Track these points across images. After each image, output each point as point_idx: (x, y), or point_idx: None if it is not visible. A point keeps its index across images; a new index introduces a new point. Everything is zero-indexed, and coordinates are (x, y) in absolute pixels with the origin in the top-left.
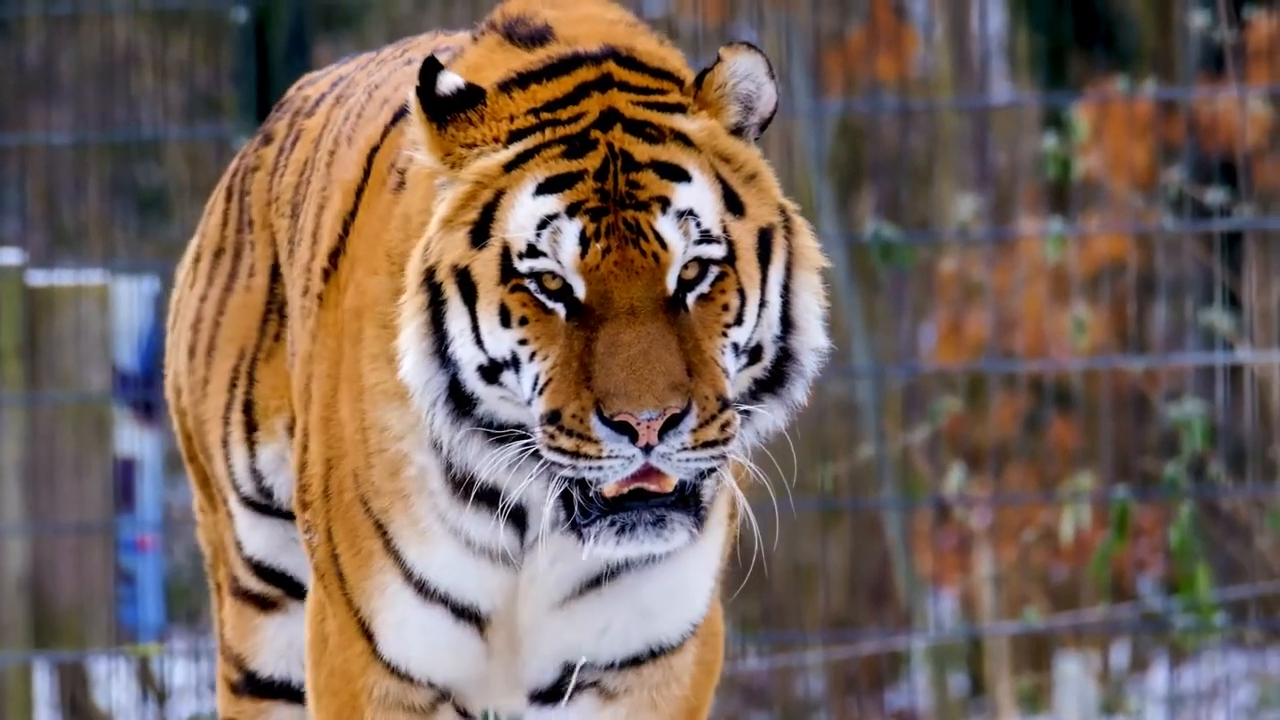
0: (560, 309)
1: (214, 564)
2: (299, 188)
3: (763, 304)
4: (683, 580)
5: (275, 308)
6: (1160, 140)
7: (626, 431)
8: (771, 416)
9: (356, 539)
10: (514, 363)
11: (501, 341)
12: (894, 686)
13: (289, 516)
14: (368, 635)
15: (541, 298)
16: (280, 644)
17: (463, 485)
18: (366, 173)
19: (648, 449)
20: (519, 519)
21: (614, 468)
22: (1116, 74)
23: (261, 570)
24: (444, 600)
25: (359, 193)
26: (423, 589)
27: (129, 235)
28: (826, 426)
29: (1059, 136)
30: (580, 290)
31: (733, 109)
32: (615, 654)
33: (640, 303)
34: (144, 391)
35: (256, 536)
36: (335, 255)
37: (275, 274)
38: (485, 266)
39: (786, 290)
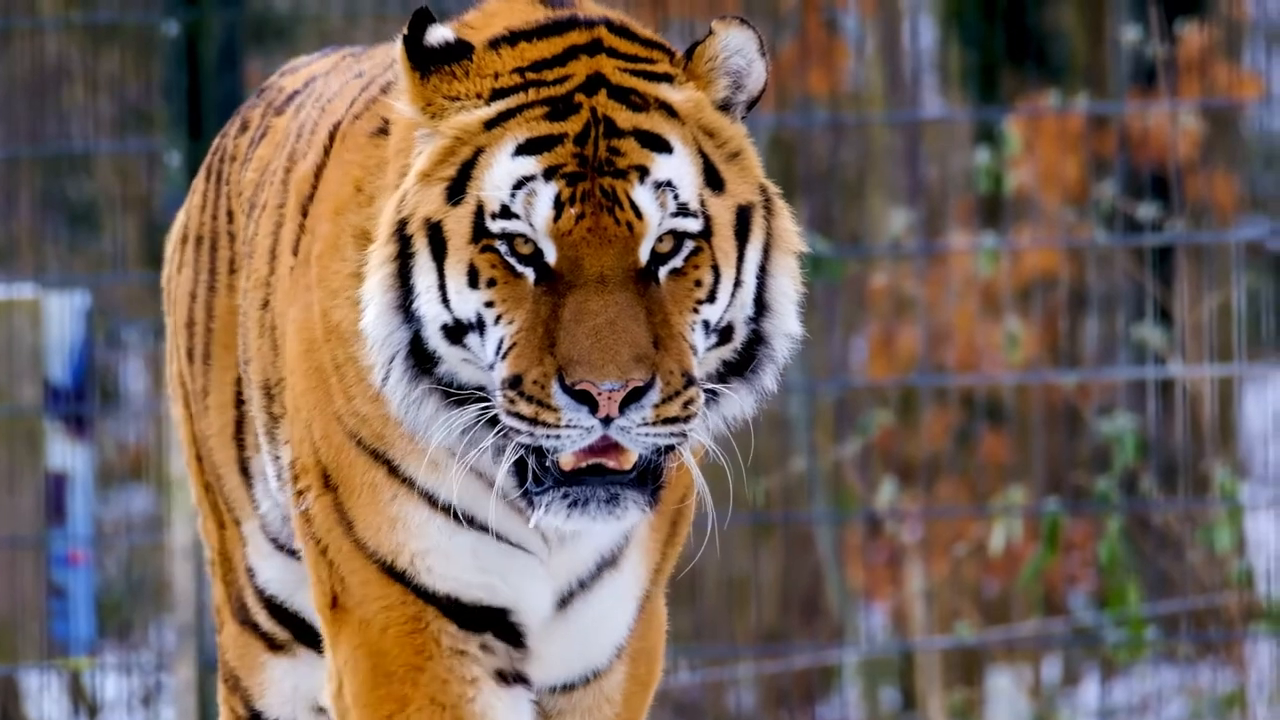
0: (530, 273)
1: (216, 566)
2: (259, 188)
3: (737, 283)
4: (618, 604)
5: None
6: (1092, 154)
7: (587, 401)
8: (739, 401)
9: (355, 474)
10: (479, 324)
11: (468, 302)
12: (825, 701)
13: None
14: (397, 575)
15: (511, 260)
16: (286, 689)
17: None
18: (328, 150)
19: (607, 421)
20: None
21: (572, 437)
22: (1048, 88)
23: (273, 607)
24: (473, 522)
25: (318, 173)
26: (450, 512)
27: (60, 249)
28: (758, 440)
29: (991, 151)
30: (551, 255)
31: (721, 83)
32: (558, 680)
33: (611, 271)
34: (75, 405)
35: (271, 567)
36: (297, 243)
37: None
38: (458, 224)
39: (763, 271)
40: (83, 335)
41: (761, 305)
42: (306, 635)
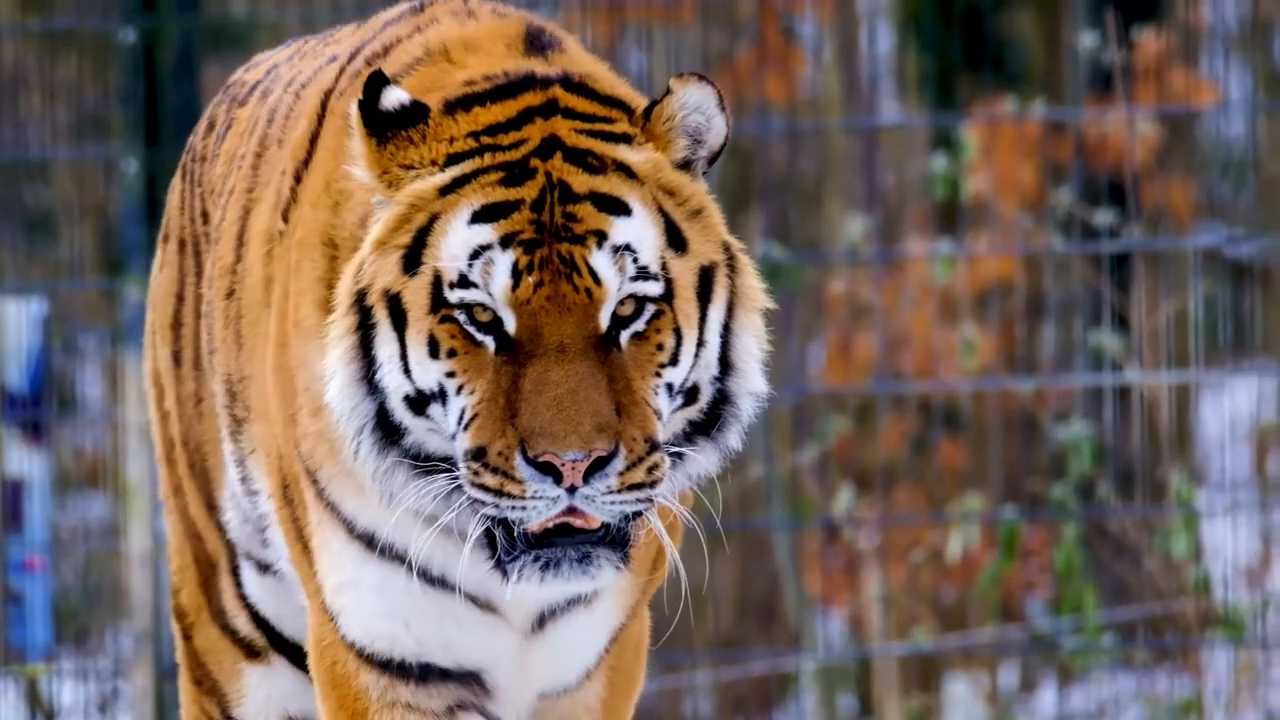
0: (490, 341)
1: (189, 570)
2: (227, 179)
3: (700, 344)
4: (589, 637)
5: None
6: (1048, 161)
7: (551, 472)
8: (704, 460)
9: (300, 490)
10: (441, 395)
11: (429, 372)
12: (782, 707)
13: None
14: (330, 614)
15: (471, 329)
16: (260, 697)
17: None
18: (320, 118)
19: (572, 490)
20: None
21: (538, 508)
22: (1005, 94)
23: (256, 617)
24: (402, 559)
25: (313, 140)
26: (370, 543)
27: (17, 256)
28: None
29: (947, 157)
30: (511, 324)
31: (680, 142)
32: (534, 690)
33: (571, 340)
34: (32, 412)
35: (256, 577)
36: (286, 209)
37: None
38: (416, 294)
39: (727, 330)
40: (39, 342)
41: (726, 364)
42: (281, 644)
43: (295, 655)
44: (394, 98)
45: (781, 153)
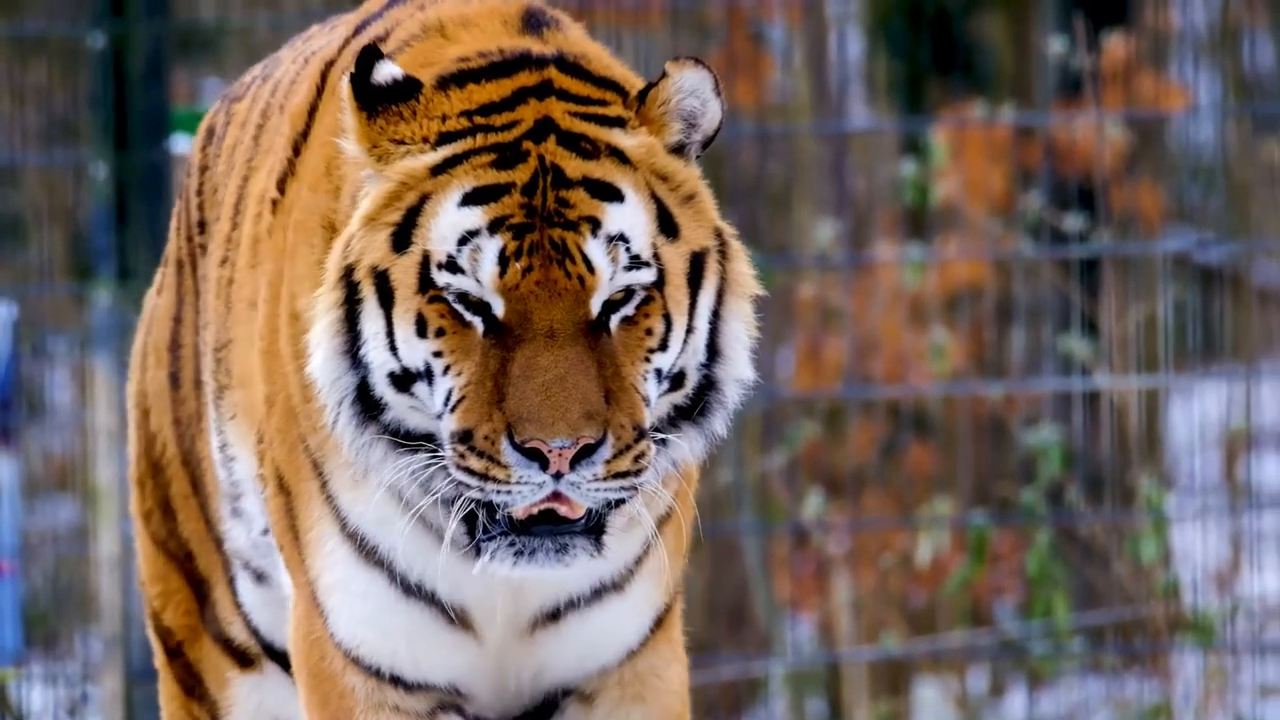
0: (478, 323)
1: (179, 592)
2: (231, 171)
3: (689, 330)
4: (625, 621)
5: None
6: (1018, 165)
7: (537, 458)
8: (688, 446)
9: (300, 482)
10: (427, 374)
11: (416, 351)
12: (752, 712)
13: None
14: (321, 609)
15: (460, 309)
16: (251, 707)
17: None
18: (319, 90)
19: (558, 476)
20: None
21: (523, 493)
22: (974, 99)
23: (250, 628)
24: (385, 566)
25: (312, 111)
26: (361, 545)
27: None
28: None
29: (917, 162)
30: (499, 309)
31: (675, 126)
32: (570, 680)
33: (560, 325)
34: (1, 416)
35: (252, 591)
36: (283, 181)
37: None
38: (404, 273)
39: (716, 317)
40: (8, 347)
41: (714, 351)
42: (273, 652)
43: (287, 663)
44: (386, 72)
45: (751, 157)
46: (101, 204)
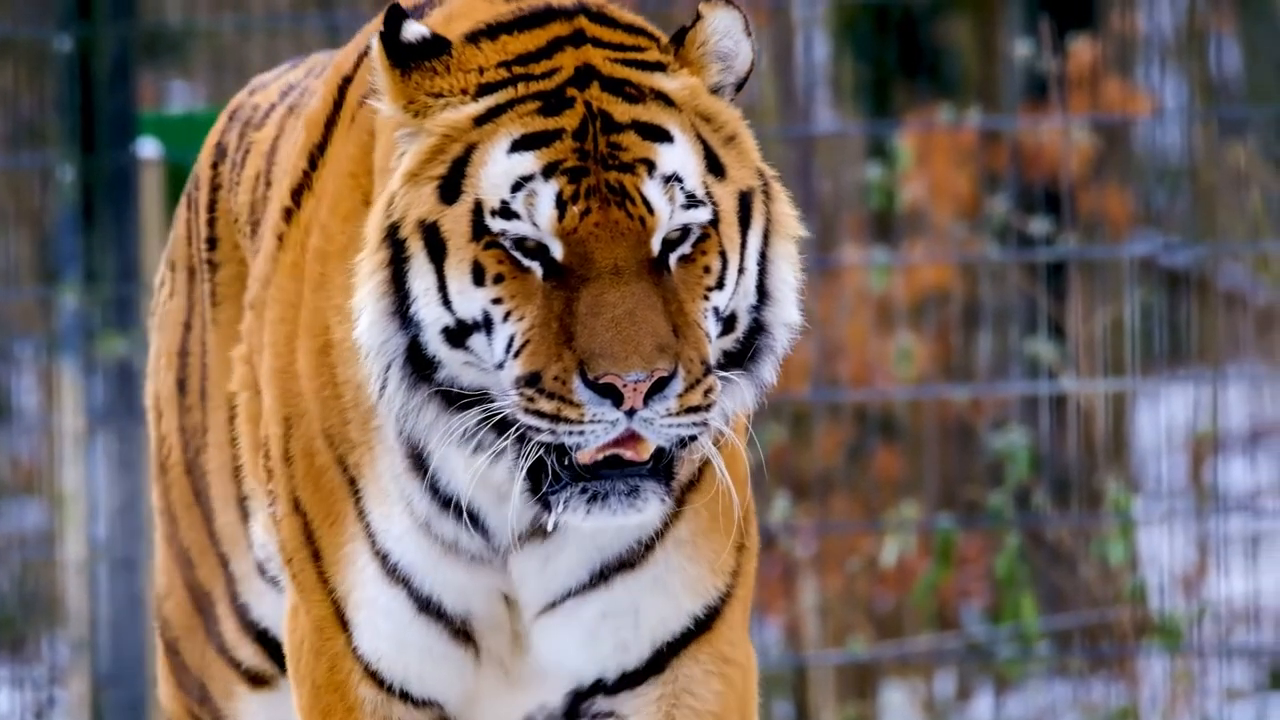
0: (537, 267)
1: (181, 594)
2: (254, 206)
3: (741, 270)
4: (672, 586)
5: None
6: (984, 169)
7: (610, 394)
8: (741, 392)
9: (331, 504)
10: (485, 323)
11: (473, 301)
12: None
13: None
14: (344, 624)
15: (517, 254)
16: None
17: (414, 453)
18: (338, 105)
19: (631, 413)
20: (474, 518)
21: (595, 432)
22: (940, 103)
23: (265, 640)
24: (405, 583)
25: (329, 124)
26: (385, 563)
27: None
28: None
29: (883, 166)
30: (558, 252)
31: (714, 67)
32: (617, 665)
33: (624, 263)
34: None
35: (266, 603)
36: (298, 192)
37: None
38: (456, 223)
39: (763, 258)
40: None
41: (763, 293)
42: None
43: None
44: (415, 30)
45: None
46: (68, 207)
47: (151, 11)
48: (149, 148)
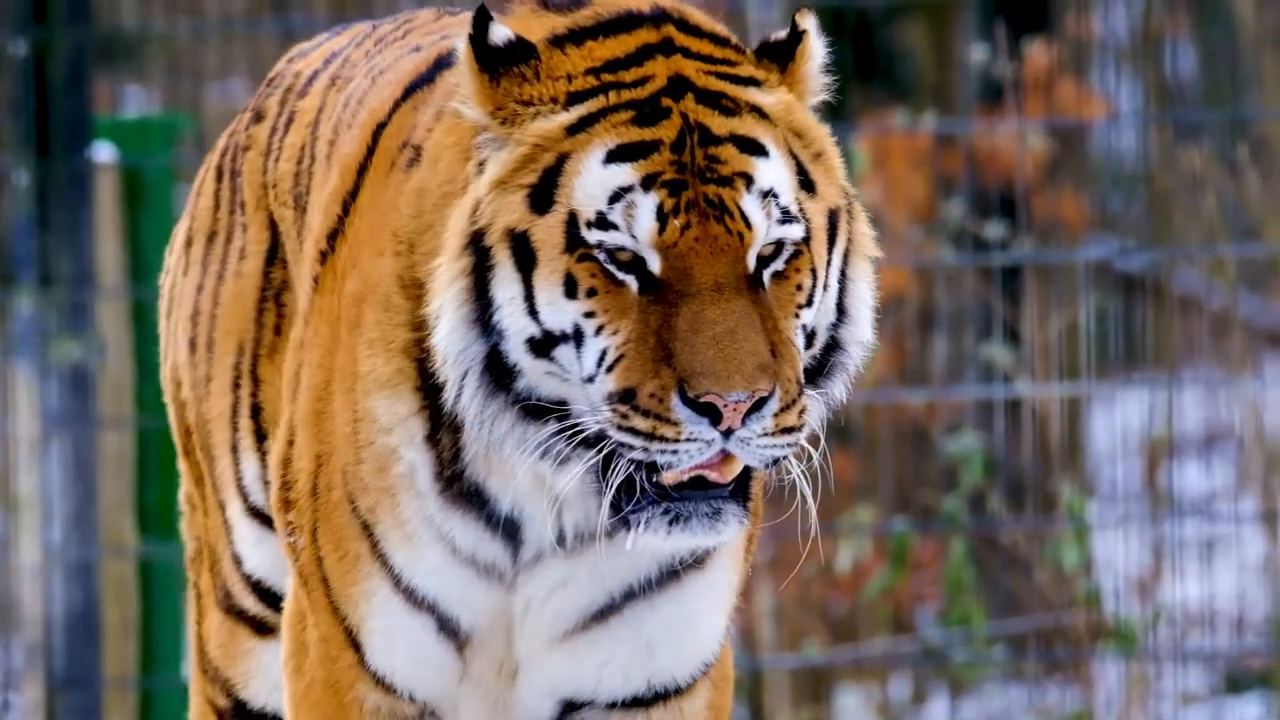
0: (632, 281)
1: (197, 563)
2: (299, 177)
3: (825, 287)
4: (691, 615)
5: (270, 296)
6: (939, 173)
7: (709, 413)
8: (815, 411)
9: (343, 541)
10: (575, 336)
11: (564, 313)
12: None
13: None
14: (355, 645)
15: (612, 267)
16: (274, 673)
17: (452, 483)
18: (370, 150)
19: (728, 433)
20: (513, 530)
21: (690, 451)
22: (896, 107)
23: (260, 590)
24: (431, 609)
25: (361, 170)
26: (411, 596)
27: None
28: None
29: None
30: (655, 266)
31: (814, 85)
32: (615, 692)
33: (724, 279)
34: None
35: (260, 553)
36: (333, 236)
37: (270, 260)
38: (548, 233)
39: (843, 277)
40: None
41: (841, 311)
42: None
43: None
44: (501, 33)
45: None
46: (22, 211)
47: (107, 16)
48: (104, 152)
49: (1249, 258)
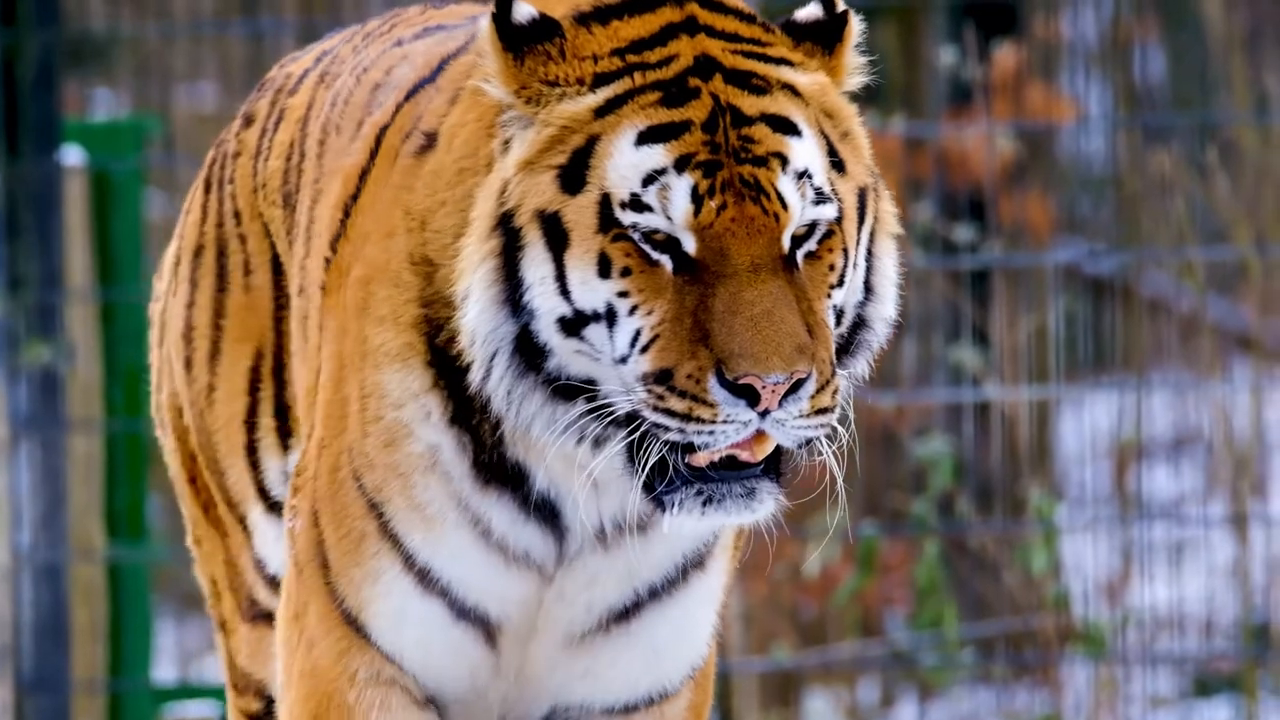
0: (667, 261)
1: (217, 598)
2: (287, 174)
3: (854, 266)
4: (691, 616)
5: (287, 301)
6: (908, 176)
7: (747, 395)
8: (843, 388)
9: (346, 520)
10: (608, 315)
11: (597, 292)
12: None
13: None
14: (355, 625)
15: (646, 248)
16: None
17: (489, 466)
18: (373, 153)
19: (765, 414)
20: (552, 517)
21: (726, 433)
22: (865, 109)
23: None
24: (444, 593)
25: (363, 175)
26: (425, 578)
27: None
28: None
29: None
30: (691, 246)
31: (854, 69)
32: (617, 698)
33: (760, 260)
34: None
35: (280, 551)
36: (336, 241)
37: (277, 267)
38: (580, 214)
39: (869, 254)
40: None
41: (868, 289)
42: None
43: None
44: (525, 11)
45: None
46: None
47: (75, 18)
48: (73, 155)
49: (1218, 261)
